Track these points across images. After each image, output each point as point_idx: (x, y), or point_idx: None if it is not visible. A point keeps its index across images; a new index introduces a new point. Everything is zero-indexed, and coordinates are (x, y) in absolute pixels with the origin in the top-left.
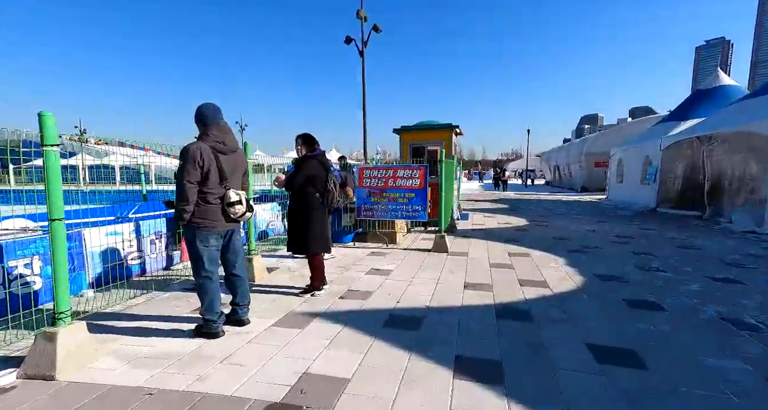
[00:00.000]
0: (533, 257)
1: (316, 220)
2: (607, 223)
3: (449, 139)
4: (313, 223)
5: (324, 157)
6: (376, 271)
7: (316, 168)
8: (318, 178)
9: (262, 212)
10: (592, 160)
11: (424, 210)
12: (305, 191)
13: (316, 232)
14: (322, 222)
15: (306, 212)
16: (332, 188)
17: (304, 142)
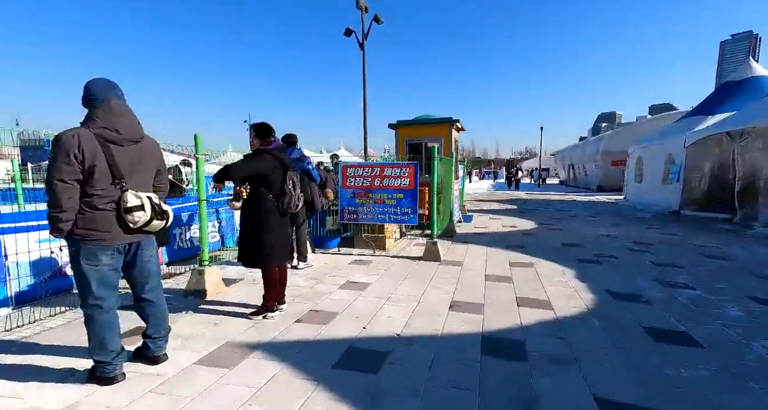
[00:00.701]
0: (538, 268)
1: (269, 227)
2: (623, 227)
3: (448, 134)
4: (266, 230)
5: (282, 151)
6: (351, 285)
7: (268, 164)
8: (271, 176)
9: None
10: (609, 158)
11: (415, 213)
12: (256, 192)
13: (269, 241)
14: (278, 229)
15: (256, 217)
16: (290, 190)
17: (257, 134)
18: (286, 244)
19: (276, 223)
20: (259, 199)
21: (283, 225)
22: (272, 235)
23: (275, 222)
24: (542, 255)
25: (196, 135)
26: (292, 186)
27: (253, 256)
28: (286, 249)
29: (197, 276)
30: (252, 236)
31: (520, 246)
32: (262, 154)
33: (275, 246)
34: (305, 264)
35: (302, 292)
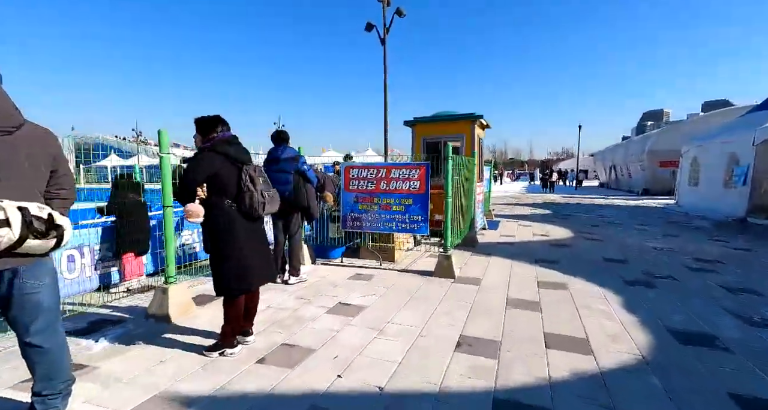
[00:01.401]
0: (573, 290)
1: (233, 241)
2: (679, 238)
3: (470, 132)
4: (230, 247)
5: (229, 144)
6: (342, 308)
7: (214, 163)
8: (221, 177)
9: None
10: (656, 158)
11: (426, 222)
12: (208, 202)
13: (229, 263)
14: (249, 242)
15: (215, 230)
16: (248, 187)
17: (198, 130)
18: (263, 261)
19: (245, 234)
20: (214, 210)
21: (256, 234)
22: (239, 251)
23: (243, 232)
24: (578, 273)
25: (160, 131)
26: (251, 182)
27: (215, 282)
28: (266, 268)
29: (161, 295)
30: (214, 257)
31: (552, 261)
32: (202, 153)
33: (248, 267)
34: (297, 279)
35: (281, 317)
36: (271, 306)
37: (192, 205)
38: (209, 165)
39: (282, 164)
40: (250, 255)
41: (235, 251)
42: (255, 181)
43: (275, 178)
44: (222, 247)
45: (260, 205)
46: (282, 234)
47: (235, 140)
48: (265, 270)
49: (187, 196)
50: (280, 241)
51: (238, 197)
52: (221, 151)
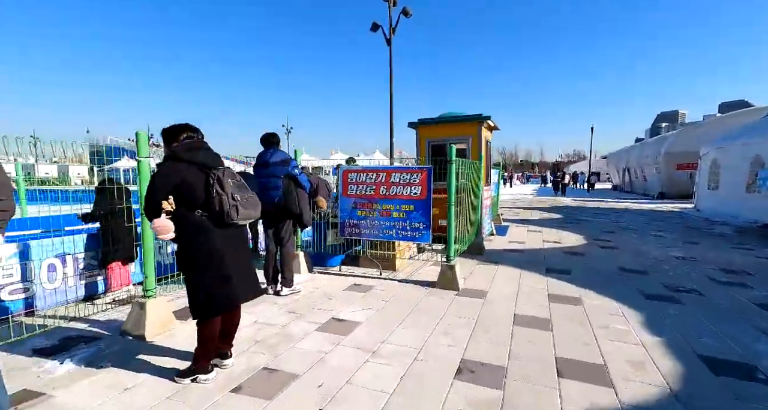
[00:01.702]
0: (587, 305)
1: (202, 256)
2: (701, 246)
3: (477, 133)
4: (199, 262)
5: (194, 150)
6: (334, 325)
7: (179, 172)
8: (187, 185)
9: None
10: (673, 161)
11: (428, 229)
12: (177, 215)
13: (204, 280)
14: (219, 256)
15: (186, 246)
16: (217, 191)
17: (165, 140)
18: (245, 276)
19: (222, 246)
20: (184, 220)
21: (235, 245)
22: (215, 266)
23: (219, 243)
24: (593, 285)
25: (138, 133)
26: (219, 185)
27: (190, 302)
28: (247, 284)
29: (138, 310)
30: (187, 274)
31: (564, 271)
32: (165, 162)
33: (225, 283)
34: (290, 290)
35: (267, 334)
36: (259, 321)
37: (159, 221)
38: (172, 175)
39: (272, 168)
40: (228, 269)
41: (210, 265)
42: (224, 183)
43: (265, 184)
44: (195, 262)
45: (232, 208)
46: (273, 243)
47: (202, 145)
48: (247, 286)
49: (153, 212)
50: (271, 250)
51: (207, 204)
52: (184, 159)
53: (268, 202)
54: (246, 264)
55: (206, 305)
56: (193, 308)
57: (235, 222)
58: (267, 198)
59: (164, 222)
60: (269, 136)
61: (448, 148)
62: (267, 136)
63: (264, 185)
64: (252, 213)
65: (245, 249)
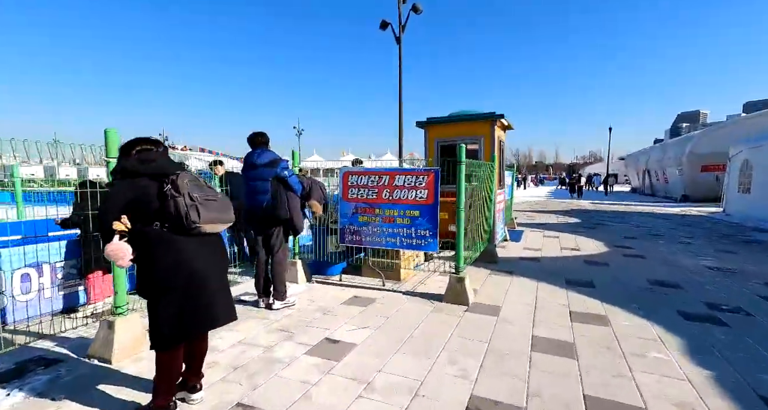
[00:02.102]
0: (616, 327)
1: (162, 273)
2: (738, 255)
3: (490, 133)
4: (158, 281)
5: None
6: (326, 348)
7: (128, 186)
8: (142, 199)
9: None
10: (698, 162)
11: (434, 237)
12: (132, 234)
13: (165, 301)
14: (183, 273)
15: (145, 264)
16: (172, 193)
17: (119, 155)
18: (215, 297)
19: (187, 261)
20: (141, 237)
21: (204, 259)
22: (178, 285)
23: (183, 257)
24: (620, 301)
25: (107, 131)
26: (174, 189)
27: (149, 329)
28: (218, 306)
29: (105, 330)
30: (145, 295)
31: (586, 283)
32: (116, 175)
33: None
34: (283, 304)
35: (249, 358)
36: (243, 341)
37: (111, 246)
38: (121, 192)
39: (260, 170)
40: (196, 286)
41: (174, 281)
42: (178, 184)
43: (253, 187)
44: (157, 279)
45: (191, 208)
46: (263, 252)
47: (159, 157)
48: (218, 309)
49: (105, 235)
50: (261, 259)
51: (163, 212)
52: (131, 170)
53: (257, 206)
54: (220, 281)
55: (164, 331)
56: (153, 334)
57: (198, 227)
58: (255, 202)
59: (117, 246)
60: (256, 135)
61: (458, 148)
62: (254, 136)
63: (252, 188)
64: (220, 217)
65: (219, 264)
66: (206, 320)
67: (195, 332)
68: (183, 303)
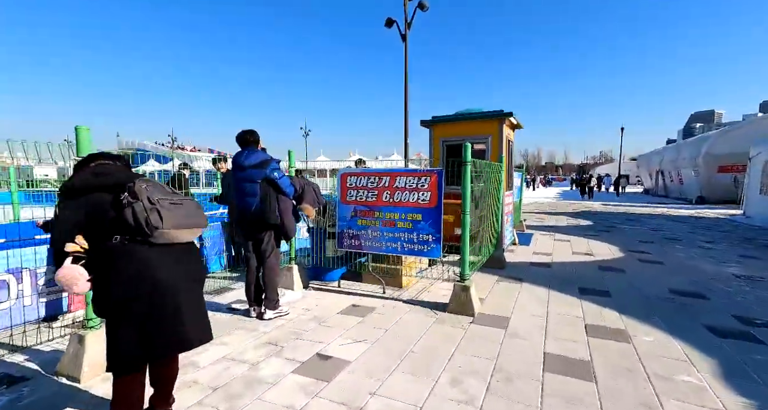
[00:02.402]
0: (638, 343)
1: (120, 288)
2: (763, 261)
3: (498, 132)
4: (116, 297)
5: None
6: (318, 364)
7: (81, 203)
8: (96, 214)
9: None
10: (715, 162)
11: (438, 242)
12: (90, 250)
13: (123, 319)
14: (145, 288)
15: (103, 282)
16: (129, 200)
17: (75, 168)
18: (184, 314)
19: (150, 273)
20: (99, 254)
21: (170, 271)
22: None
23: (151, 264)
24: (640, 313)
25: (77, 128)
26: (131, 195)
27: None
28: (188, 324)
29: (75, 346)
30: (102, 314)
31: (602, 292)
32: (63, 195)
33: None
34: (276, 313)
35: (232, 377)
36: (228, 356)
37: (63, 271)
38: (70, 211)
39: (248, 172)
40: (159, 305)
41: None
42: (135, 190)
43: (242, 190)
44: (112, 295)
45: (151, 212)
46: (254, 258)
47: (110, 169)
48: (188, 328)
49: (58, 258)
50: (251, 265)
51: (121, 222)
52: (79, 187)
53: (246, 210)
54: (193, 296)
55: (128, 352)
56: (110, 355)
57: (162, 233)
58: (244, 205)
59: (68, 270)
60: (245, 133)
61: (463, 147)
62: (242, 134)
63: (241, 191)
64: (188, 222)
65: (193, 277)
66: (172, 341)
67: (159, 354)
68: (145, 321)
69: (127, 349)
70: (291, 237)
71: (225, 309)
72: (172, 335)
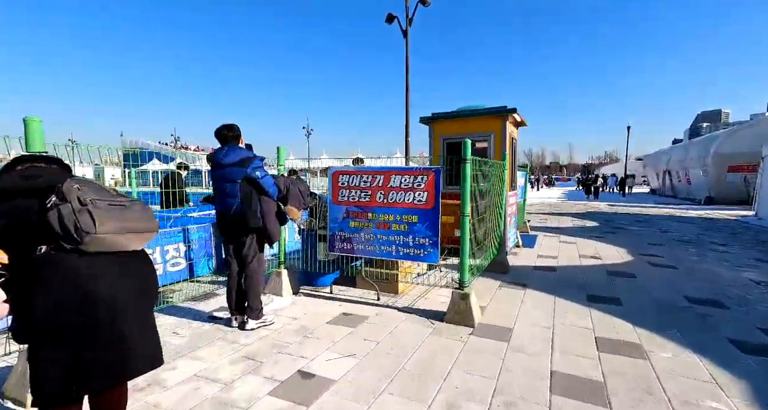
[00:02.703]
0: (655, 360)
1: (46, 308)
2: None
3: (501, 129)
4: (41, 319)
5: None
6: (300, 383)
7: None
8: (20, 221)
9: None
10: (725, 162)
11: (435, 246)
12: (10, 265)
13: (48, 343)
14: (75, 306)
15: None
16: (55, 203)
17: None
18: (128, 336)
19: (82, 288)
20: (24, 267)
21: (119, 276)
22: (67, 323)
23: (78, 284)
24: (655, 325)
25: (25, 119)
26: (59, 197)
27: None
28: (130, 350)
29: (23, 364)
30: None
31: (612, 299)
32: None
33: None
34: (258, 323)
35: (200, 399)
36: (200, 373)
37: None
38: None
39: (227, 170)
40: (92, 327)
41: (63, 320)
42: (64, 190)
43: (221, 190)
44: (35, 317)
45: (81, 214)
46: (235, 262)
47: (42, 172)
48: (133, 354)
49: None
50: (233, 271)
51: (46, 228)
52: (17, 188)
53: (226, 211)
54: (141, 315)
55: (56, 385)
56: (34, 389)
57: (97, 238)
58: (224, 207)
59: None
60: (223, 128)
61: (463, 144)
62: (220, 130)
63: (221, 191)
64: (131, 226)
65: (141, 291)
66: (112, 370)
67: (95, 387)
68: (77, 347)
69: (53, 382)
70: (275, 241)
71: (206, 318)
72: (111, 362)
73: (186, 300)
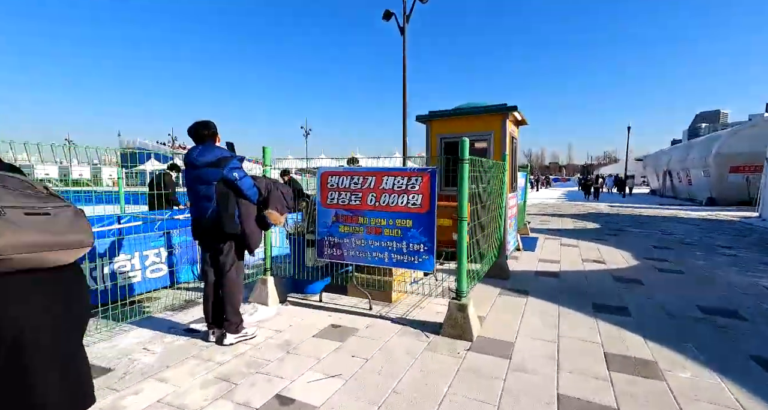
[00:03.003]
0: (672, 381)
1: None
2: None
3: (500, 128)
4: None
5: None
6: (277, 408)
7: None
8: None
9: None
10: (727, 162)
11: (430, 253)
12: None
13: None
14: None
15: None
16: None
17: None
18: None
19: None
20: None
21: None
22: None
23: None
24: (668, 339)
25: None
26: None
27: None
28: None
29: None
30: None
31: (619, 309)
32: None
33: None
34: (238, 337)
35: None
36: (165, 398)
37: None
38: None
39: (202, 171)
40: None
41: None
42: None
43: (195, 192)
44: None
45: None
46: (212, 271)
47: None
48: (44, 398)
49: None
50: (209, 281)
51: None
52: None
53: (201, 216)
54: (63, 346)
55: None
56: None
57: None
58: (199, 211)
59: None
60: (198, 126)
61: (460, 143)
62: (195, 127)
63: (195, 194)
64: (47, 240)
65: (64, 318)
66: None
67: None
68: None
69: None
70: (254, 248)
71: (182, 331)
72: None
73: (164, 309)
